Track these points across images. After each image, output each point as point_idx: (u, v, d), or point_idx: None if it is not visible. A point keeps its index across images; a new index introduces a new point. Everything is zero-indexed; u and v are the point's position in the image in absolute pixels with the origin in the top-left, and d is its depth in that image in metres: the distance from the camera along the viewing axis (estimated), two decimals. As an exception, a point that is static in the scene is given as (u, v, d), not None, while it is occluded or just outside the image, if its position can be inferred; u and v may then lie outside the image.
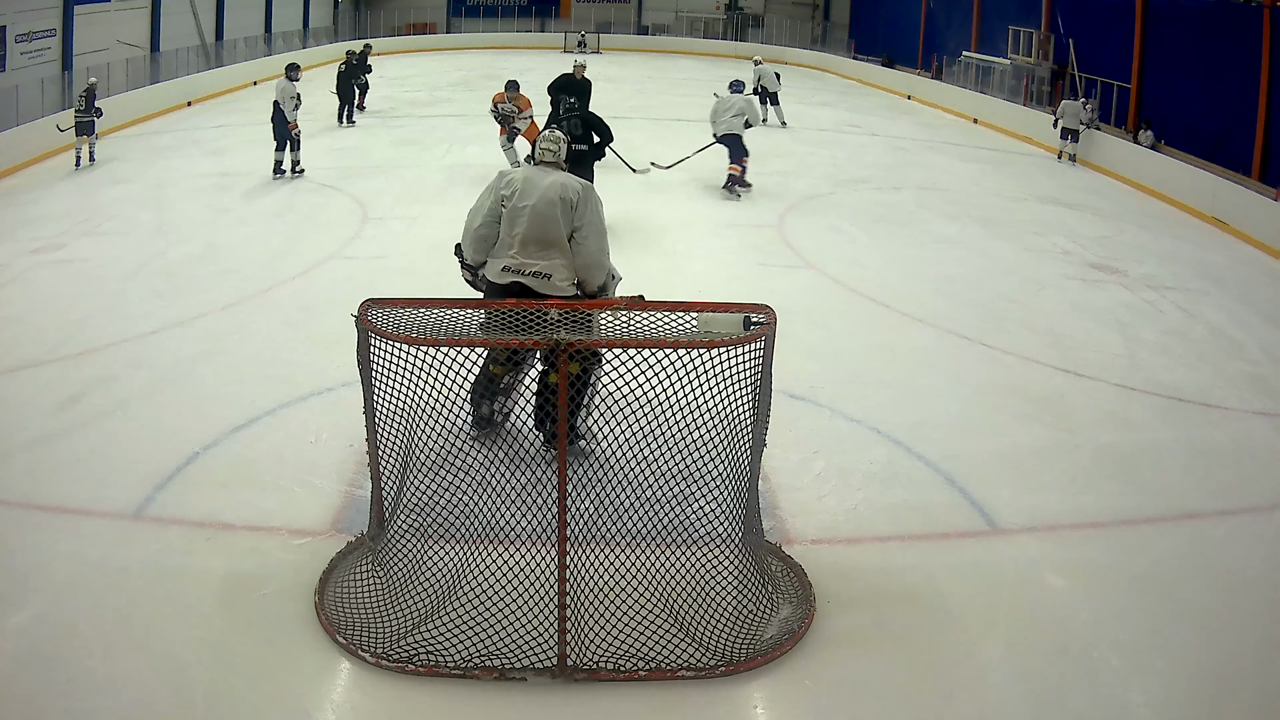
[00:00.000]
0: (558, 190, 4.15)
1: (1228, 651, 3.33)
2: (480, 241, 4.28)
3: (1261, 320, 7.14)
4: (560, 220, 4.14)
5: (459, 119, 14.56)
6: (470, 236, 4.31)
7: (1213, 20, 13.84)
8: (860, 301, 6.92)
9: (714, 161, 12.11)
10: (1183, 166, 11.98)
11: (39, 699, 2.90)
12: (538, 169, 4.33)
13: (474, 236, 4.29)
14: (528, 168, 4.32)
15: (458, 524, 3.41)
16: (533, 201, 4.13)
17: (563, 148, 4.38)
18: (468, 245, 4.34)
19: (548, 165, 4.33)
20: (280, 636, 3.22)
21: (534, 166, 4.37)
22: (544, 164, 4.34)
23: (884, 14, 27.36)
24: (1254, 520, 4.25)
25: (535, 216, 4.13)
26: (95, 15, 16.93)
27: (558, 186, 4.16)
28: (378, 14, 29.20)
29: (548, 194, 4.14)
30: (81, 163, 11.18)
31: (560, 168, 4.37)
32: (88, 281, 6.92)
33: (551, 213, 4.13)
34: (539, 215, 4.13)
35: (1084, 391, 5.54)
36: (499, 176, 4.31)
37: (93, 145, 11.35)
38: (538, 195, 4.14)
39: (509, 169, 4.45)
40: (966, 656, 3.24)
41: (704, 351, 3.11)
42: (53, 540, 3.72)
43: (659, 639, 3.14)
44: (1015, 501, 4.25)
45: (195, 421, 4.68)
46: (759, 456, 3.41)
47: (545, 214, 4.13)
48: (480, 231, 4.26)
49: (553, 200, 4.13)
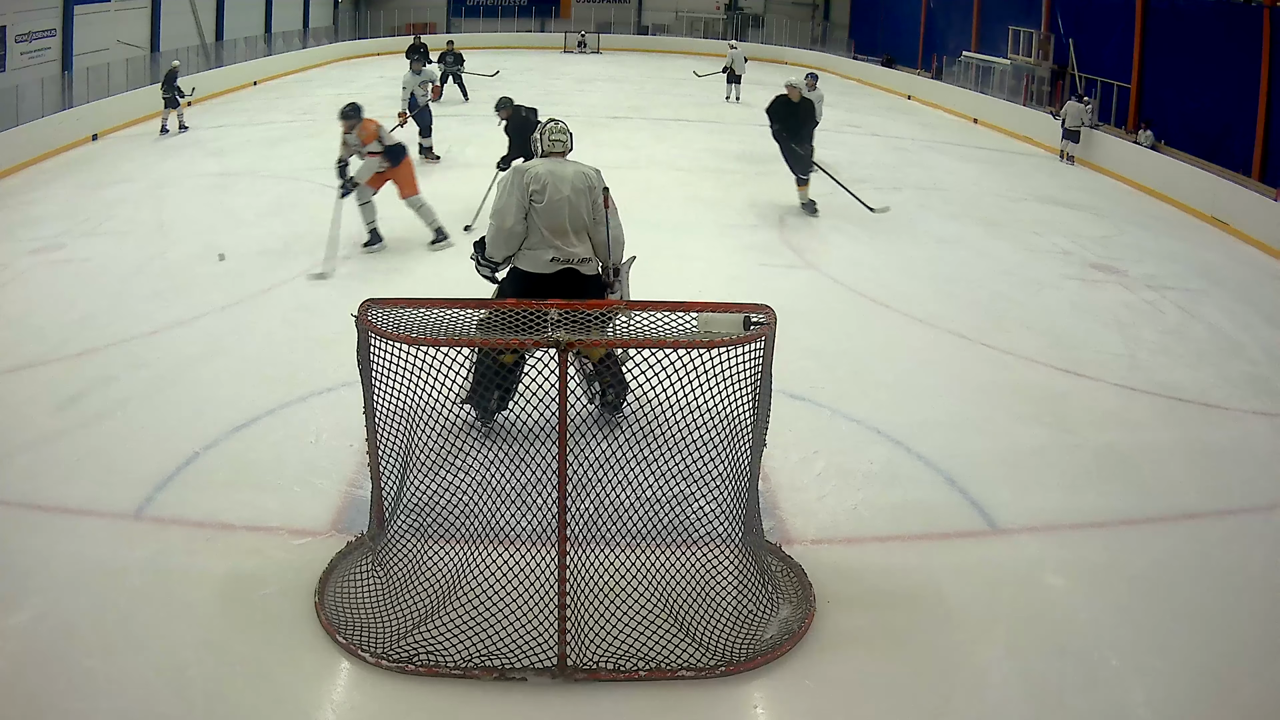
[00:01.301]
0: (583, 179, 4.36)
1: (1228, 651, 3.32)
2: (513, 239, 4.37)
3: (1261, 320, 7.14)
4: (587, 206, 4.37)
5: (459, 119, 14.57)
6: (503, 235, 4.37)
7: (1213, 20, 13.84)
8: (860, 301, 6.92)
9: (708, 160, 12.15)
10: (1183, 166, 11.97)
11: (39, 699, 2.90)
12: (553, 160, 4.42)
13: (507, 234, 4.36)
14: (543, 161, 4.41)
15: (458, 524, 3.41)
16: (567, 192, 4.31)
17: (569, 138, 4.50)
18: (499, 244, 4.40)
19: (557, 155, 4.45)
20: (280, 636, 3.22)
21: (547, 159, 4.44)
22: (553, 155, 4.44)
23: (884, 14, 27.35)
24: (1254, 520, 4.25)
25: (571, 207, 4.33)
26: (95, 15, 16.92)
27: (580, 175, 4.37)
28: (378, 14, 29.19)
29: (576, 183, 4.33)
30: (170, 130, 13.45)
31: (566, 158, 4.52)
32: (88, 281, 6.92)
33: (582, 200, 4.35)
34: (573, 206, 4.33)
35: (1084, 391, 5.54)
36: (515, 173, 4.37)
37: (181, 117, 13.72)
38: (569, 186, 4.31)
39: (523, 164, 4.43)
40: (966, 656, 3.24)
41: (704, 351, 3.11)
42: (53, 540, 3.72)
43: (659, 639, 3.14)
44: (1015, 501, 4.25)
45: (195, 421, 4.68)
46: (759, 456, 3.41)
47: (577, 203, 4.34)
48: (515, 229, 4.34)
49: (581, 189, 4.34)
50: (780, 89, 9.73)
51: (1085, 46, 17.40)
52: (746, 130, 14.70)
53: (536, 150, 4.53)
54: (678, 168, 11.57)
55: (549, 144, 4.47)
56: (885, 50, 24.74)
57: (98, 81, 14.73)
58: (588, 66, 24.05)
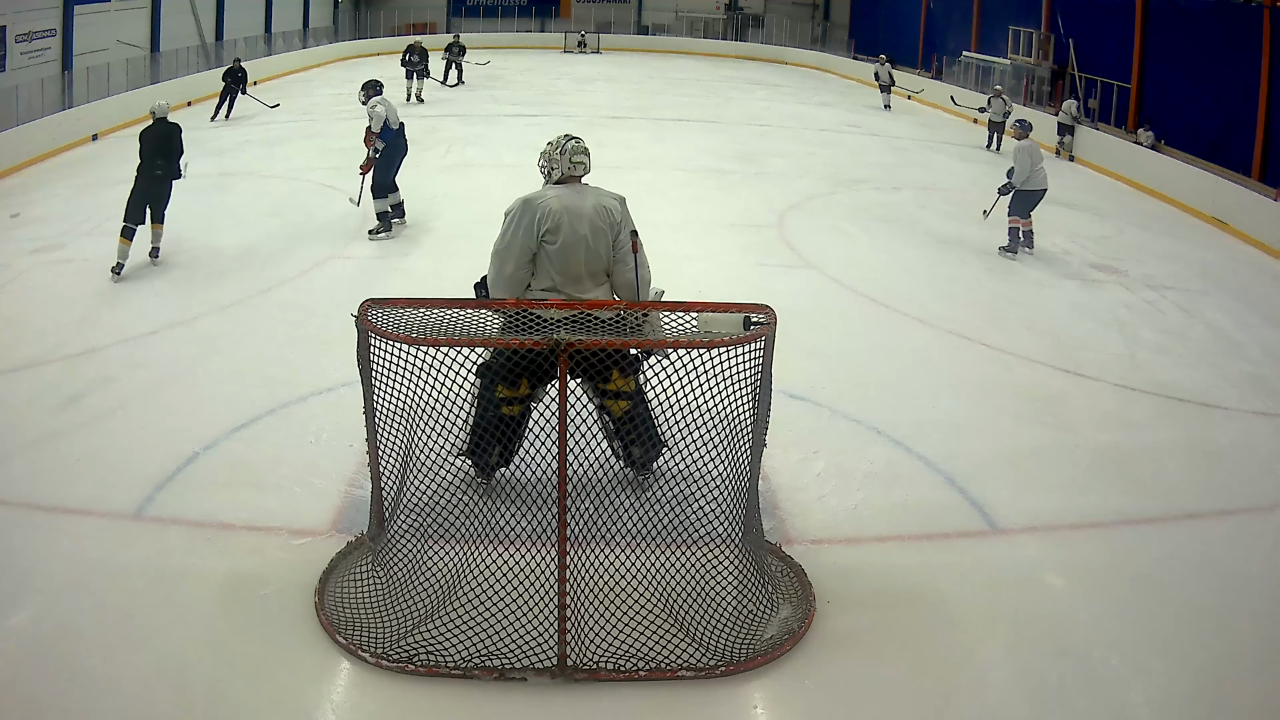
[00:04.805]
0: (604, 216, 3.75)
1: (1228, 651, 3.32)
2: (515, 285, 3.77)
3: (1261, 320, 7.14)
4: (607, 246, 3.78)
5: (459, 119, 14.57)
6: (504, 282, 3.76)
7: (1213, 20, 13.84)
8: (860, 301, 6.92)
9: (708, 160, 12.15)
10: (1183, 166, 11.98)
11: (39, 699, 2.90)
12: (571, 189, 3.79)
13: (507, 281, 3.76)
14: (557, 191, 3.76)
15: (458, 524, 3.41)
16: (584, 232, 3.70)
17: (588, 159, 3.84)
18: (499, 290, 3.79)
19: (575, 181, 3.84)
20: (280, 636, 3.22)
21: (565, 188, 3.80)
22: (571, 179, 3.82)
23: (884, 14, 27.36)
24: (1254, 520, 4.25)
25: (589, 250, 3.73)
26: (95, 15, 16.91)
27: (601, 211, 3.75)
28: (378, 14, 29.20)
29: (595, 220, 3.73)
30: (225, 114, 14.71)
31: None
32: (88, 281, 6.91)
33: (601, 242, 3.75)
34: (591, 249, 3.73)
35: (1084, 391, 5.54)
36: (525, 206, 3.73)
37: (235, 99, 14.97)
38: (587, 224, 3.70)
39: (533, 195, 3.75)
40: (966, 657, 3.24)
41: (704, 351, 3.11)
42: (53, 540, 3.72)
43: (659, 639, 3.14)
44: (1015, 501, 4.24)
45: (195, 421, 4.68)
46: (759, 456, 3.41)
47: (596, 245, 3.74)
48: (517, 275, 3.75)
49: (601, 228, 3.74)
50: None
51: (1085, 46, 17.39)
52: (746, 130, 14.73)
53: (549, 174, 3.85)
54: (678, 168, 11.56)
55: (570, 166, 3.78)
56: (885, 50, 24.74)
57: (98, 81, 14.72)
58: (588, 66, 24.05)
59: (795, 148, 13.37)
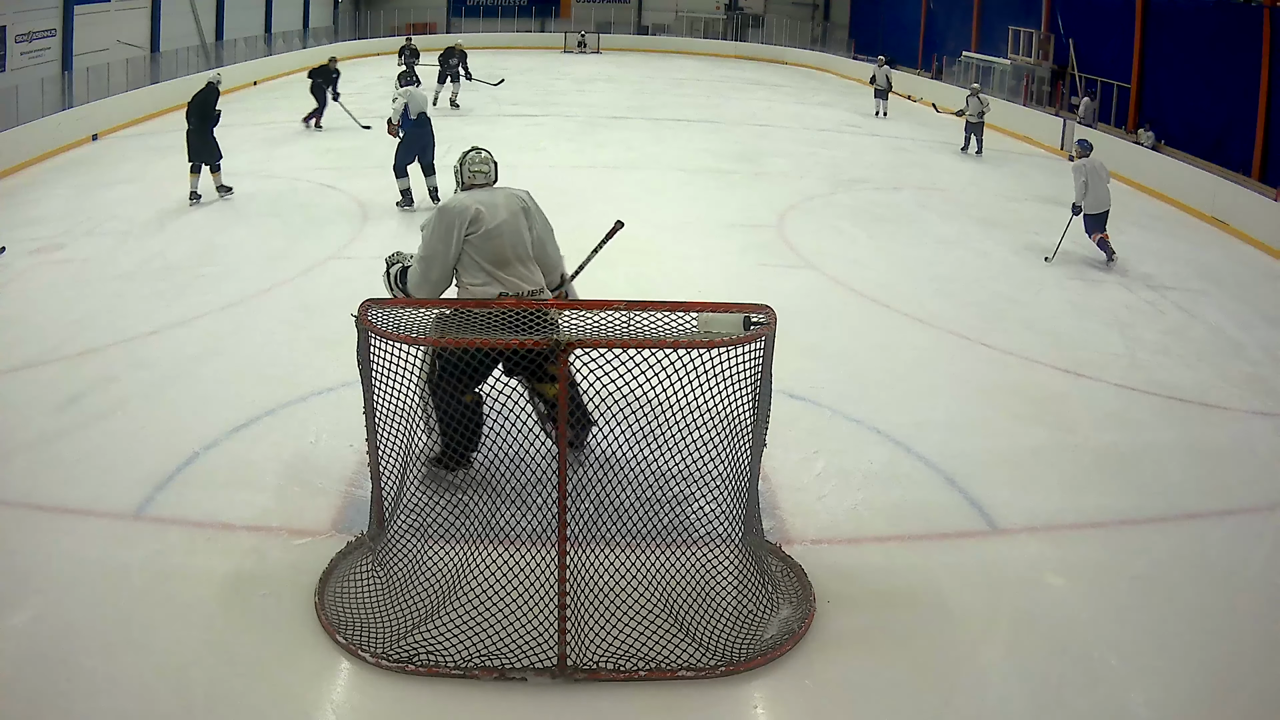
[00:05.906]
0: (516, 203, 4.08)
1: (1228, 651, 3.33)
2: (437, 289, 4.05)
3: (1261, 320, 7.14)
4: (527, 232, 4.08)
5: (459, 119, 14.57)
6: (428, 285, 4.02)
7: (1213, 20, 13.85)
8: (860, 301, 6.92)
9: (708, 160, 12.16)
10: (1183, 166, 11.97)
11: (39, 699, 2.90)
12: (480, 190, 4.10)
13: (432, 286, 4.02)
14: (468, 194, 4.07)
15: (458, 524, 3.41)
16: (504, 216, 4.00)
17: (494, 168, 4.17)
18: (421, 292, 4.03)
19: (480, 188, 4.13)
20: (280, 636, 3.22)
21: (472, 191, 4.10)
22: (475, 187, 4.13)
23: (884, 14, 27.36)
24: (1254, 520, 4.25)
25: (512, 234, 4.02)
26: (95, 15, 16.91)
27: (513, 199, 4.09)
28: (377, 14, 29.21)
29: (509, 206, 4.04)
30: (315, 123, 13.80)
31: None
32: (88, 281, 6.92)
33: (520, 222, 4.06)
34: (514, 232, 4.03)
35: (1084, 391, 5.54)
36: (441, 213, 3.99)
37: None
38: (504, 210, 4.02)
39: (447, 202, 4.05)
40: (967, 657, 3.24)
41: (704, 351, 3.11)
42: (53, 540, 3.72)
43: (659, 639, 3.14)
44: (1015, 501, 4.25)
45: (195, 421, 4.68)
46: (759, 456, 3.42)
47: (517, 229, 4.04)
48: (438, 283, 4.03)
49: (516, 212, 4.05)
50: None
51: (1085, 46, 17.40)
52: (746, 130, 14.74)
53: (458, 183, 4.17)
54: (678, 168, 11.56)
55: (470, 176, 4.13)
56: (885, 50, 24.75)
57: (98, 81, 14.73)
58: (588, 66, 24.05)
59: (795, 148, 13.37)
